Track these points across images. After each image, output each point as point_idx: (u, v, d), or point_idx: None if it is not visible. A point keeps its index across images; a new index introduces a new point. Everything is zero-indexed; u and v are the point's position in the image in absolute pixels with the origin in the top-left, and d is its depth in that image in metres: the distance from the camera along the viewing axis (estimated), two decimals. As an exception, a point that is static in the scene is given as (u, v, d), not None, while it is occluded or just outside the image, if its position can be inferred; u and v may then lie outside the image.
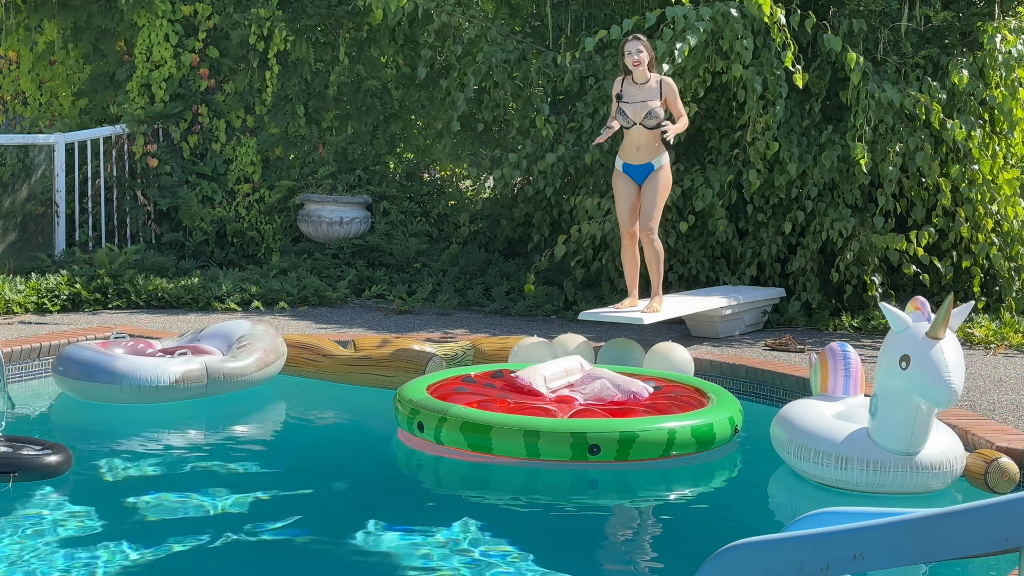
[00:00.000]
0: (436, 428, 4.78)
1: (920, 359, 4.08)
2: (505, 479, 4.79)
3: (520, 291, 8.72)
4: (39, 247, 9.46)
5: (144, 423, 5.44)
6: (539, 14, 9.96)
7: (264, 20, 9.81)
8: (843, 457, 4.31)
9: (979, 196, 7.83)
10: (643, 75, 6.58)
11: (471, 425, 4.69)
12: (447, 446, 4.80)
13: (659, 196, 6.60)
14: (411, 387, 5.23)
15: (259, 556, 3.77)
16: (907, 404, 4.19)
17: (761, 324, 7.87)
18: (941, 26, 8.29)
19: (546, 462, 4.66)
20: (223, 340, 6.07)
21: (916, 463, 4.27)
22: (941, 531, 2.14)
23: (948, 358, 4.06)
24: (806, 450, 4.44)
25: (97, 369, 5.51)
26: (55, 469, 4.30)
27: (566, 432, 4.61)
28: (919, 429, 4.25)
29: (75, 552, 3.64)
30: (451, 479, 4.94)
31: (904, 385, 4.14)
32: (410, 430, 4.96)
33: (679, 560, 3.79)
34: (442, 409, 4.83)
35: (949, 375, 4.03)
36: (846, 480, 4.34)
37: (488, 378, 5.55)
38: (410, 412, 4.94)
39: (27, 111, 10.65)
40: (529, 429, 4.62)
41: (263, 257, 9.92)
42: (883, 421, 4.28)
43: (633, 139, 6.60)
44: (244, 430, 5.69)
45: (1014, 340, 7.20)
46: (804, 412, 4.65)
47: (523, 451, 4.63)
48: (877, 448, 4.29)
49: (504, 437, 4.63)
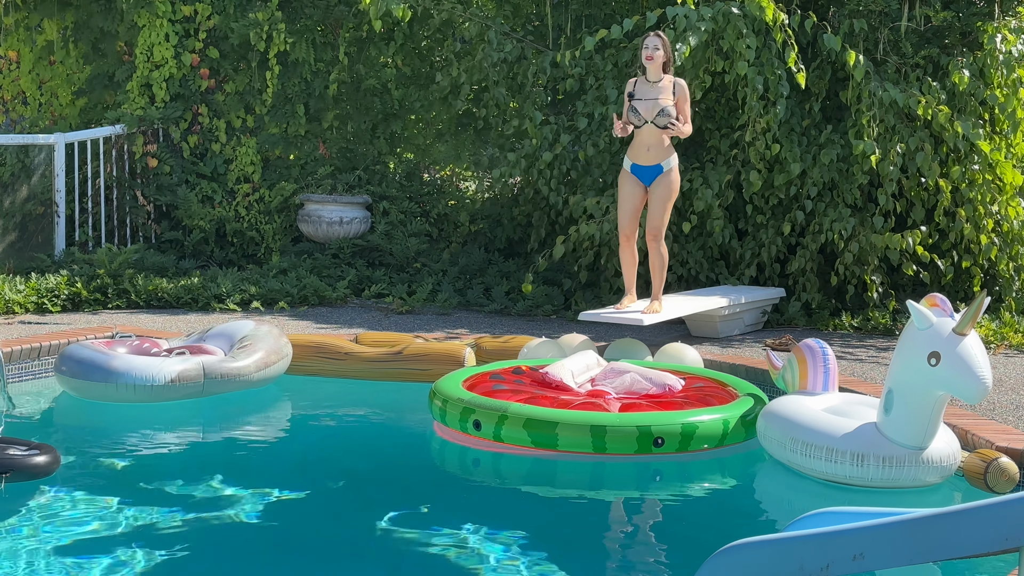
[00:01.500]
0: (496, 426, 4.76)
1: (950, 355, 4.14)
2: (514, 470, 4.85)
3: (520, 291, 8.72)
4: (39, 247, 9.46)
5: (145, 423, 5.44)
6: (539, 14, 9.97)
7: (263, 23, 9.81)
8: (859, 454, 4.36)
9: (979, 196, 7.83)
10: (657, 73, 6.53)
11: (536, 422, 4.71)
12: (507, 444, 4.78)
13: (667, 201, 6.57)
14: (450, 385, 5.22)
15: (270, 556, 3.77)
16: (927, 400, 4.26)
17: (761, 324, 7.87)
18: (941, 26, 8.29)
19: (611, 456, 4.72)
20: (226, 340, 6.06)
21: (926, 458, 4.34)
22: (941, 531, 2.14)
23: (977, 353, 4.14)
24: (816, 448, 4.46)
25: (94, 368, 5.52)
26: (43, 470, 4.27)
27: (632, 426, 4.69)
28: (933, 424, 4.33)
29: (78, 553, 3.64)
30: (456, 469, 4.95)
31: (932, 381, 4.19)
32: (463, 428, 4.92)
33: (679, 560, 3.79)
34: (501, 407, 4.82)
35: (982, 370, 4.11)
36: (861, 477, 4.38)
37: (511, 374, 5.56)
38: (462, 411, 4.91)
39: (27, 111, 10.65)
40: (596, 424, 4.67)
41: (263, 257, 9.92)
42: (899, 416, 4.33)
43: (643, 139, 6.57)
44: (250, 428, 5.68)
45: (1014, 340, 7.20)
46: (801, 409, 4.67)
47: (589, 446, 4.67)
48: (891, 444, 4.34)
49: (570, 433, 4.67)
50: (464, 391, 5.10)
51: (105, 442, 5.19)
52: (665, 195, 6.55)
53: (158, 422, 5.46)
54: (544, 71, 8.82)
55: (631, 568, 3.79)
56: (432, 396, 5.20)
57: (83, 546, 3.71)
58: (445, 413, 5.05)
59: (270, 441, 5.53)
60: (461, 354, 6.15)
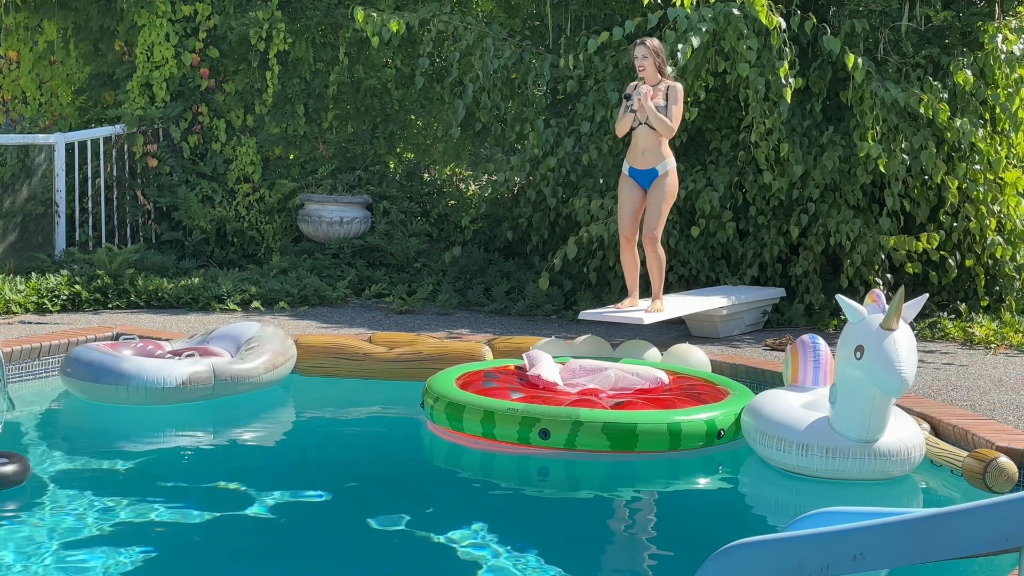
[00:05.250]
0: (570, 435, 4.70)
1: (874, 349, 4.24)
2: (514, 470, 4.85)
3: (520, 291, 8.72)
4: (39, 247, 9.46)
5: (146, 421, 5.44)
6: (539, 14, 9.96)
7: (263, 23, 9.81)
8: (804, 444, 4.46)
9: (980, 196, 7.83)
10: (653, 78, 6.57)
11: (614, 427, 4.71)
12: (582, 450, 4.75)
13: (664, 204, 6.58)
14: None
15: (271, 556, 3.77)
16: (864, 393, 4.34)
17: (761, 324, 7.86)
18: (941, 26, 8.28)
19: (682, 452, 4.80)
20: (232, 342, 6.04)
21: (874, 451, 4.40)
22: (941, 531, 2.14)
23: (900, 348, 4.22)
24: (769, 437, 4.60)
25: (103, 370, 5.47)
26: (11, 479, 4.21)
27: (700, 422, 4.81)
28: (876, 417, 4.39)
29: (77, 553, 3.64)
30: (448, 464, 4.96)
31: (859, 374, 4.30)
32: (524, 440, 4.78)
33: (679, 559, 3.79)
34: (572, 414, 4.76)
35: (900, 364, 4.19)
36: (806, 466, 4.48)
37: (502, 373, 5.58)
38: (522, 421, 4.76)
39: (27, 111, 10.65)
40: (672, 424, 4.76)
41: (263, 257, 9.92)
42: (842, 409, 4.44)
43: (639, 142, 6.58)
44: (251, 427, 5.67)
45: (1014, 340, 7.20)
46: (770, 401, 4.81)
47: (666, 445, 4.76)
48: (837, 436, 4.43)
49: (649, 436, 4.73)
50: (508, 402, 4.94)
51: (104, 441, 5.19)
52: (662, 198, 6.56)
53: (159, 421, 5.46)
54: (543, 74, 8.82)
55: (631, 568, 3.79)
56: (463, 411, 4.93)
57: (82, 544, 3.71)
58: (495, 425, 4.84)
59: (270, 441, 5.52)
60: (480, 353, 6.13)
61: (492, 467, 4.94)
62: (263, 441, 5.48)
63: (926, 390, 5.69)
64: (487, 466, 4.95)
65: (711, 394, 5.28)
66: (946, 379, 6.02)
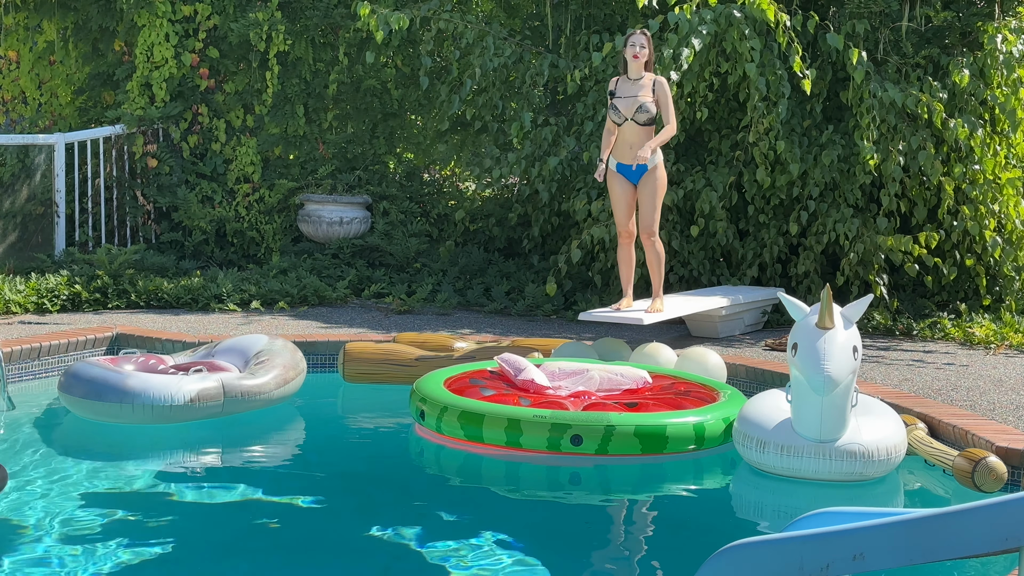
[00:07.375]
0: (602, 441, 4.68)
1: (805, 347, 4.27)
2: (495, 472, 4.84)
3: (520, 291, 8.72)
4: (39, 247, 9.46)
5: (144, 425, 5.43)
6: (539, 14, 9.96)
7: (263, 23, 9.81)
8: (762, 441, 4.50)
9: (980, 196, 7.83)
10: (638, 71, 6.54)
11: (646, 430, 4.72)
12: (612, 455, 4.74)
13: (656, 198, 6.57)
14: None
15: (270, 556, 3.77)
16: (807, 391, 4.35)
17: (761, 324, 7.86)
18: (941, 26, 8.29)
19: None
20: (239, 356, 5.74)
21: (832, 451, 4.38)
22: (941, 531, 2.14)
23: (829, 347, 4.22)
24: (737, 433, 4.67)
25: (107, 387, 5.12)
26: None
27: (689, 424, 4.82)
28: (828, 417, 4.37)
29: (75, 553, 3.64)
30: (443, 468, 4.96)
31: (795, 372, 4.35)
32: (552, 447, 4.73)
33: (679, 560, 3.79)
34: (602, 419, 4.73)
35: (826, 363, 4.18)
36: (763, 463, 4.52)
37: (488, 375, 5.55)
38: (551, 429, 4.70)
39: (27, 111, 10.65)
40: (697, 426, 4.79)
41: (263, 257, 9.92)
42: (795, 407, 4.46)
43: (626, 137, 6.56)
44: (252, 427, 5.67)
45: (1014, 340, 7.19)
46: (757, 401, 4.83)
47: (693, 444, 4.80)
48: (794, 434, 4.45)
49: (677, 438, 4.75)
50: (531, 408, 4.90)
51: (103, 442, 5.17)
52: (654, 192, 6.55)
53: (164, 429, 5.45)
54: (543, 73, 8.82)
55: (630, 568, 3.79)
56: (528, 420, 4.79)
57: (79, 543, 3.71)
58: (523, 432, 4.74)
59: (270, 442, 5.52)
60: (529, 355, 6.07)
61: (492, 469, 4.94)
62: (263, 441, 5.48)
63: (926, 390, 5.69)
64: (481, 469, 4.94)
65: (699, 393, 5.32)
66: (946, 379, 6.02)
